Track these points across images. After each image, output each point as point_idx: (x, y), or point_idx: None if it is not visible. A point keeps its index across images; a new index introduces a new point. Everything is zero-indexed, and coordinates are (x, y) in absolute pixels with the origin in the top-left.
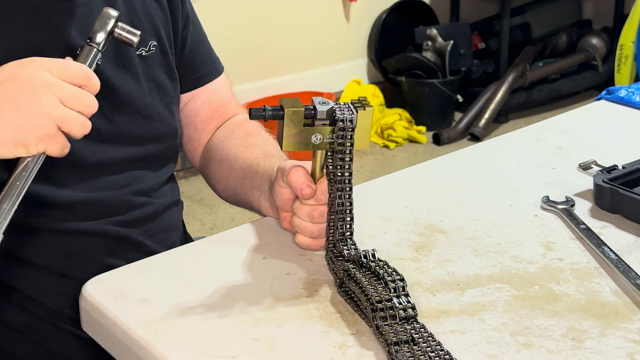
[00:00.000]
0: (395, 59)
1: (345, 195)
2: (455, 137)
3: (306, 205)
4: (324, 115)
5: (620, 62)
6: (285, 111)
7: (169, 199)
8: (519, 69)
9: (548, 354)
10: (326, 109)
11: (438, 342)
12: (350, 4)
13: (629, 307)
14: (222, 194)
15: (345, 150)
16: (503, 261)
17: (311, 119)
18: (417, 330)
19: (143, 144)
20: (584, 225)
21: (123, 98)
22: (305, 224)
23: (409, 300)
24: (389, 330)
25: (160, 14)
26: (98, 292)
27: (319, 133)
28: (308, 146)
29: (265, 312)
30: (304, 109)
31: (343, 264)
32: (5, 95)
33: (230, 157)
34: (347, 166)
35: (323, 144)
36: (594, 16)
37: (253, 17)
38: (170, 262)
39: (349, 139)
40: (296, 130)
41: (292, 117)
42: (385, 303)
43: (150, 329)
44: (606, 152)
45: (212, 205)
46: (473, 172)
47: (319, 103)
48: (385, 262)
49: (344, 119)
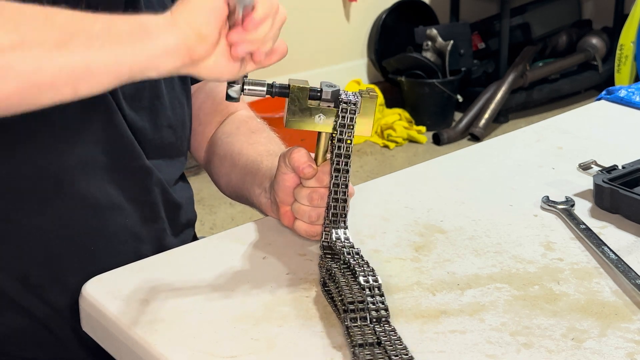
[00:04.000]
0: (395, 59)
1: (341, 177)
2: (455, 137)
3: (307, 187)
4: (328, 96)
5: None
6: (291, 87)
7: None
8: (519, 69)
9: (548, 354)
10: (332, 90)
11: (404, 346)
12: (350, 4)
13: (629, 307)
14: (225, 189)
15: (345, 132)
16: (503, 261)
17: (316, 100)
18: (387, 333)
19: (159, 132)
20: (584, 225)
21: (139, 84)
22: (304, 207)
23: (383, 301)
24: (357, 332)
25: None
26: (98, 292)
27: (323, 113)
28: (310, 125)
29: (265, 312)
30: (309, 87)
31: (327, 263)
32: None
33: (234, 153)
34: (346, 147)
35: (326, 125)
36: (594, 16)
37: None
38: (170, 262)
39: (350, 122)
40: (300, 108)
41: (298, 94)
42: (357, 304)
43: (150, 329)
44: (606, 152)
45: (212, 205)
46: (473, 172)
47: (326, 85)
48: (365, 262)
49: (347, 101)
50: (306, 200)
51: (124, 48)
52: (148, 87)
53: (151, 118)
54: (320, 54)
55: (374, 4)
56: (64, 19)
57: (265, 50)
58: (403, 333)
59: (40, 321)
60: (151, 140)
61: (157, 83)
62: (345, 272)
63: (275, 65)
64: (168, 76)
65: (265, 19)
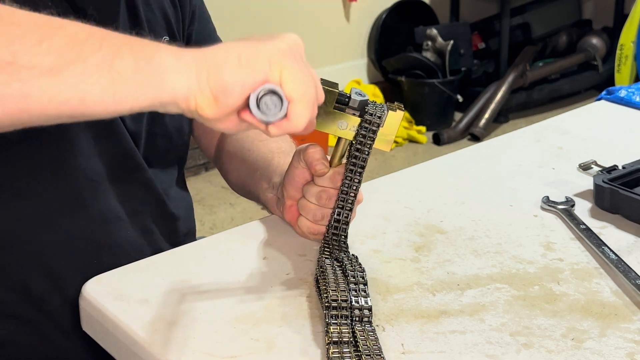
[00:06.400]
0: (395, 59)
1: (353, 186)
2: (455, 137)
3: (318, 186)
4: (356, 104)
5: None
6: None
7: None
8: (519, 69)
9: (548, 354)
10: (360, 99)
11: (379, 347)
12: (350, 3)
13: (629, 308)
14: (234, 185)
15: (365, 143)
16: (503, 261)
17: (343, 105)
18: (365, 333)
19: (154, 141)
20: (584, 226)
21: None
22: (310, 205)
23: (367, 301)
24: (334, 330)
25: (172, 9)
26: (98, 292)
27: (346, 121)
28: (332, 129)
29: (265, 312)
30: (338, 92)
31: (322, 260)
32: (244, 41)
33: (244, 149)
34: (363, 158)
35: (348, 132)
36: (594, 16)
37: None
38: (170, 262)
39: (372, 134)
40: (325, 111)
41: (326, 96)
42: (341, 302)
43: (150, 329)
44: (606, 152)
45: (212, 205)
46: (473, 172)
47: (355, 93)
48: (359, 264)
49: (373, 113)
50: (314, 199)
51: (125, 87)
52: None
53: (147, 125)
54: (320, 53)
55: (374, 4)
56: (63, 42)
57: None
58: (403, 333)
59: (40, 331)
60: (146, 148)
61: None
62: (336, 269)
63: None
64: None
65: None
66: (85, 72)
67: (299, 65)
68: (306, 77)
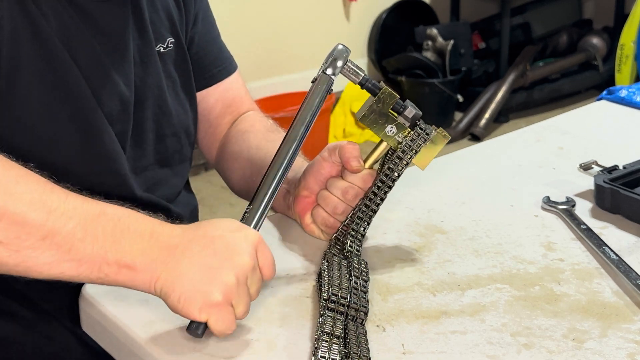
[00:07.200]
0: (395, 59)
1: (380, 193)
2: (455, 137)
3: (345, 181)
4: (410, 115)
5: (621, 62)
6: (383, 89)
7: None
8: (519, 69)
9: (549, 355)
10: (414, 112)
11: (367, 348)
12: (350, 3)
13: (630, 308)
14: (236, 185)
15: (406, 154)
16: (503, 262)
17: (397, 112)
18: (357, 332)
19: (162, 141)
20: (584, 226)
21: (147, 93)
22: (333, 198)
23: (365, 304)
24: (328, 321)
25: (176, 11)
26: (98, 292)
27: (395, 128)
28: (381, 131)
29: (265, 312)
30: (398, 97)
31: (330, 255)
32: (207, 251)
33: (251, 148)
34: (399, 168)
35: (393, 139)
36: (594, 16)
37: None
38: None
39: (417, 147)
40: (380, 111)
41: (386, 97)
42: (340, 298)
43: (150, 329)
44: (607, 152)
45: (212, 205)
46: (473, 172)
47: (412, 106)
48: (366, 270)
49: (424, 128)
50: (340, 192)
51: (93, 275)
52: (151, 97)
53: (155, 127)
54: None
55: (374, 4)
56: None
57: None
58: (404, 334)
59: (40, 331)
60: (157, 150)
61: (161, 91)
62: (342, 267)
63: (275, 65)
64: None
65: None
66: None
67: (225, 311)
68: (228, 323)
